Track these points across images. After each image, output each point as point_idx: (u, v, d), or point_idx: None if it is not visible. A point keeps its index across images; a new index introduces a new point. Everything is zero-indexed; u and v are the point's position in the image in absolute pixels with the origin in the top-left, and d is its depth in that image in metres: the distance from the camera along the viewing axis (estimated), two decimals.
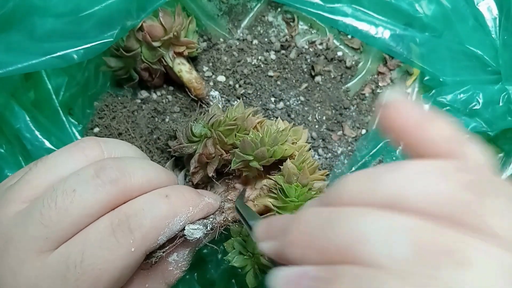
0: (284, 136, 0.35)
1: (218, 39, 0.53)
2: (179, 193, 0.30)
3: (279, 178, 0.35)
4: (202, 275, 0.47)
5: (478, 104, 0.47)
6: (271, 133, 0.34)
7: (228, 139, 0.35)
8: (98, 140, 0.30)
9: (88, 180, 0.26)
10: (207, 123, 0.36)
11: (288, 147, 0.35)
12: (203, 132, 0.36)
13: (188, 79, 0.47)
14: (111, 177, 0.27)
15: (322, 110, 0.51)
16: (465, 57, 0.49)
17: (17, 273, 0.25)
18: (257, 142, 0.34)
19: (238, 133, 0.36)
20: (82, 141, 0.30)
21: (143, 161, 0.30)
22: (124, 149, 0.31)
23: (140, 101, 0.50)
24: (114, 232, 0.26)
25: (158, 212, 0.28)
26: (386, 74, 0.53)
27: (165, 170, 0.32)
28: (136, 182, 0.28)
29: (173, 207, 0.29)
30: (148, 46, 0.44)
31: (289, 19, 0.54)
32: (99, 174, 0.27)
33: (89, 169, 0.27)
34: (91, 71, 0.49)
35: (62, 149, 0.29)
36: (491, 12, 0.47)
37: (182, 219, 0.29)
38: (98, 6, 0.39)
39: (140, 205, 0.28)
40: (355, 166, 0.50)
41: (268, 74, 0.51)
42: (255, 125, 0.36)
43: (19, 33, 0.38)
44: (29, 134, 0.43)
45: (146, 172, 0.29)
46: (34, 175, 0.27)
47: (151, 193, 0.29)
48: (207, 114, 0.37)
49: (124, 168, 0.28)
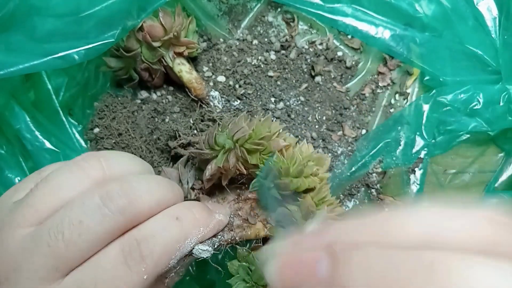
0: (310, 168, 0.33)
1: (218, 39, 0.53)
2: (190, 214, 0.30)
3: (296, 210, 0.33)
4: (202, 275, 0.47)
5: (478, 104, 0.47)
6: (297, 164, 0.33)
7: (251, 158, 0.34)
8: (98, 156, 0.29)
9: (95, 210, 0.26)
10: (232, 135, 0.34)
11: (311, 181, 0.33)
12: (227, 146, 0.34)
13: (188, 79, 0.47)
14: (119, 206, 0.26)
15: (322, 110, 0.51)
16: (465, 57, 0.49)
17: None
18: (281, 171, 0.32)
19: (263, 153, 0.34)
20: (82, 159, 0.29)
21: (149, 180, 0.29)
22: (126, 162, 0.30)
23: (140, 101, 0.50)
24: (125, 260, 0.26)
25: (169, 237, 0.28)
26: (386, 74, 0.53)
27: (172, 185, 0.31)
28: (145, 207, 0.27)
29: (184, 230, 0.29)
30: (148, 46, 0.44)
31: (289, 19, 0.54)
32: (106, 203, 0.26)
33: (95, 196, 0.26)
34: (91, 72, 0.49)
35: (63, 168, 0.28)
36: (491, 12, 0.47)
37: (193, 241, 0.29)
38: (98, 6, 0.39)
39: (150, 230, 0.27)
40: (355, 166, 0.50)
41: (268, 74, 0.51)
42: (280, 149, 0.34)
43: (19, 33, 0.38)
44: (29, 135, 0.43)
45: (154, 194, 0.28)
46: (37, 199, 0.27)
47: (162, 216, 0.28)
48: (234, 124, 0.35)
49: (131, 193, 0.27)
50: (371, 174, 0.50)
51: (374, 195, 0.50)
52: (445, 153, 0.51)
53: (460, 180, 0.51)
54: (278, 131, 0.35)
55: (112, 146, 0.47)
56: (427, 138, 0.49)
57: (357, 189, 0.50)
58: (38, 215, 0.26)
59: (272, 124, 0.35)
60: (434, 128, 0.49)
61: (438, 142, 0.50)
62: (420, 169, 0.50)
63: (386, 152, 0.50)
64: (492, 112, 0.47)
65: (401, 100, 0.53)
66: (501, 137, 0.50)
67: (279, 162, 0.33)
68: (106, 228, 0.26)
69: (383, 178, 0.50)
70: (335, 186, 0.49)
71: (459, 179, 0.51)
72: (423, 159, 0.50)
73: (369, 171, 0.50)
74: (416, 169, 0.50)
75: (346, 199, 0.50)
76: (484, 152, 0.51)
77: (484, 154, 0.51)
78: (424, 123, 0.49)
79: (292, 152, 0.33)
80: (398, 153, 0.50)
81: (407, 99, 0.53)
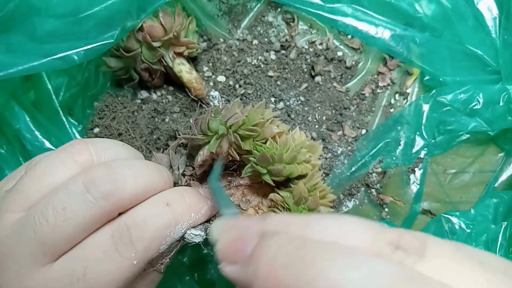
0: (303, 155, 0.33)
1: (218, 39, 0.53)
2: (181, 199, 0.29)
3: (288, 197, 0.34)
4: (202, 275, 0.47)
5: (478, 104, 0.47)
6: (290, 150, 0.33)
7: (244, 144, 0.34)
8: (86, 142, 0.29)
9: (78, 196, 0.25)
10: (225, 121, 0.34)
11: (303, 167, 0.34)
12: (220, 132, 0.34)
13: (188, 79, 0.47)
14: (102, 192, 0.25)
15: (322, 110, 0.51)
16: (465, 57, 0.49)
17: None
18: (275, 157, 0.32)
19: (256, 139, 0.34)
20: (70, 145, 0.29)
21: (136, 165, 0.29)
22: (115, 149, 0.30)
23: (140, 101, 0.50)
24: (115, 245, 0.26)
25: (159, 222, 0.27)
26: (386, 74, 0.53)
27: (160, 171, 0.31)
28: (130, 193, 0.27)
29: (175, 215, 0.28)
30: (148, 46, 0.45)
31: (289, 19, 0.54)
32: (89, 189, 0.25)
33: (78, 182, 0.26)
34: (91, 72, 0.49)
35: (51, 155, 0.28)
36: (491, 12, 0.47)
37: (183, 226, 0.29)
38: (98, 7, 0.39)
39: (141, 215, 0.27)
40: (355, 166, 0.50)
41: (268, 74, 0.51)
42: (274, 136, 0.34)
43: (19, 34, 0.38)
44: (29, 135, 0.43)
45: (140, 179, 0.28)
46: (25, 185, 0.27)
47: (152, 201, 0.28)
48: (227, 109, 0.34)
49: (116, 178, 0.26)
50: (371, 174, 0.50)
51: (374, 195, 0.50)
52: (445, 153, 0.51)
53: (460, 180, 0.51)
54: (271, 118, 0.35)
55: None
56: (427, 138, 0.49)
57: (357, 189, 0.50)
58: (27, 200, 0.26)
59: (265, 111, 0.35)
60: (434, 128, 0.49)
61: (438, 142, 0.50)
62: (420, 169, 0.50)
63: (386, 152, 0.50)
64: (492, 112, 0.47)
65: (401, 100, 0.53)
66: (501, 137, 0.50)
67: (272, 148, 0.33)
68: (91, 214, 0.25)
69: (383, 178, 0.50)
70: (335, 186, 0.49)
71: (459, 179, 0.51)
72: (423, 159, 0.50)
73: (369, 171, 0.50)
74: (416, 169, 0.50)
75: (346, 199, 0.50)
76: (484, 152, 0.51)
77: (484, 154, 0.51)
78: (424, 123, 0.49)
79: (285, 139, 0.34)
80: (398, 153, 0.50)
81: (407, 99, 0.53)
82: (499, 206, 0.46)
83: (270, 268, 0.18)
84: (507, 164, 0.50)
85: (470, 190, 0.51)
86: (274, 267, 0.17)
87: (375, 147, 0.50)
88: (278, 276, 0.17)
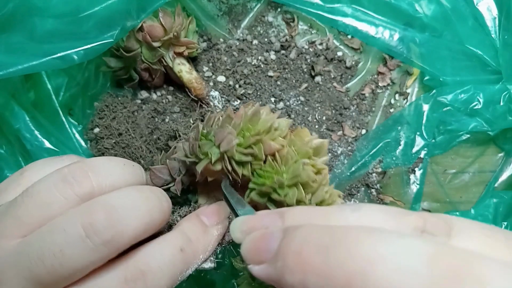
0: (306, 173, 0.30)
1: (218, 39, 0.53)
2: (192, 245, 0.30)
3: None
4: (202, 275, 0.47)
5: (478, 103, 0.47)
6: (292, 171, 0.30)
7: (242, 170, 0.31)
8: (86, 170, 0.27)
9: (77, 241, 0.24)
10: (218, 145, 0.31)
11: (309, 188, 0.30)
12: (214, 158, 0.31)
13: (188, 79, 0.47)
14: (103, 239, 0.24)
15: (322, 110, 0.51)
16: (465, 57, 0.49)
17: None
18: (275, 186, 0.30)
19: (255, 161, 0.31)
20: (70, 173, 0.27)
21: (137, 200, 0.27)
22: (116, 173, 0.29)
23: (140, 101, 0.50)
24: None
25: (174, 270, 0.28)
26: (386, 74, 0.53)
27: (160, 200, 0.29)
28: (131, 236, 0.26)
29: (187, 261, 0.29)
30: (148, 46, 0.44)
31: (289, 19, 0.54)
32: (89, 235, 0.24)
33: (77, 225, 0.24)
34: (91, 72, 0.49)
35: (49, 181, 0.27)
36: (491, 12, 0.47)
37: (193, 268, 0.30)
38: (98, 6, 0.39)
39: (155, 260, 0.27)
40: (355, 166, 0.50)
41: (268, 74, 0.51)
42: (274, 153, 0.31)
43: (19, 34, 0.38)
44: (29, 134, 0.43)
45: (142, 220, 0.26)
46: (22, 212, 0.26)
47: (166, 245, 0.28)
48: (219, 132, 0.31)
49: (117, 222, 0.25)
50: (371, 174, 0.50)
51: (374, 195, 0.50)
52: (445, 153, 0.51)
53: (460, 180, 0.51)
54: (269, 126, 0.31)
55: (112, 146, 0.47)
56: (427, 138, 0.49)
57: (357, 189, 0.50)
58: (24, 228, 0.25)
59: (262, 116, 0.32)
60: (434, 128, 0.49)
61: (438, 142, 0.50)
62: (420, 169, 0.50)
63: (386, 152, 0.50)
64: (492, 112, 0.47)
65: (401, 100, 0.53)
66: (501, 137, 0.50)
67: (271, 171, 0.30)
68: (90, 260, 0.24)
69: (383, 178, 0.50)
70: (335, 186, 0.49)
71: (459, 179, 0.51)
72: (423, 159, 0.50)
73: (369, 171, 0.50)
74: (416, 169, 0.50)
75: (346, 199, 0.50)
76: (484, 152, 0.51)
77: (484, 154, 0.51)
78: (424, 123, 0.49)
79: (286, 153, 0.31)
80: (398, 153, 0.50)
81: (407, 99, 0.53)
82: (499, 206, 0.46)
83: (297, 258, 0.17)
84: (507, 164, 0.50)
85: (470, 190, 0.51)
86: (302, 257, 0.17)
87: (375, 147, 0.50)
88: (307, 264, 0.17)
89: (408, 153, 0.50)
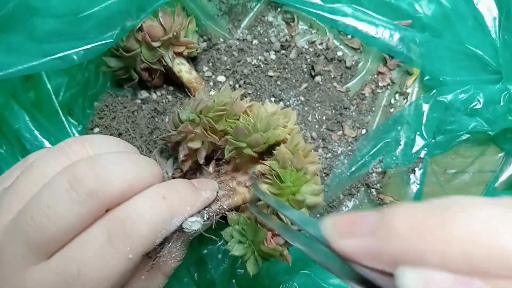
0: (276, 120, 0.34)
1: (218, 39, 0.53)
2: (176, 192, 0.29)
3: (274, 163, 0.34)
4: (202, 275, 0.47)
5: (479, 103, 0.47)
6: (263, 118, 0.33)
7: (218, 125, 0.34)
8: (82, 141, 0.28)
9: (63, 194, 0.24)
10: (194, 108, 0.34)
11: (280, 132, 0.34)
12: (191, 118, 0.34)
13: (188, 79, 0.47)
14: (88, 189, 0.24)
15: (322, 110, 0.51)
16: (465, 57, 0.49)
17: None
18: (250, 128, 0.33)
19: (229, 118, 0.34)
20: (67, 145, 0.28)
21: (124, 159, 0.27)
22: (111, 146, 0.29)
23: (140, 101, 0.50)
24: (110, 239, 0.25)
25: (156, 216, 0.27)
26: (386, 74, 0.53)
27: (150, 165, 0.29)
28: (117, 188, 0.26)
29: (171, 209, 0.28)
30: (148, 46, 0.45)
31: (289, 19, 0.54)
32: (74, 186, 0.24)
33: (62, 179, 0.25)
34: (91, 71, 0.49)
35: (47, 155, 0.27)
36: (491, 12, 0.47)
37: (179, 219, 0.28)
38: (97, 6, 0.39)
39: (136, 208, 0.26)
40: (355, 166, 0.50)
41: (268, 74, 0.51)
42: (244, 110, 0.34)
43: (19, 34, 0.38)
44: (29, 134, 0.43)
45: (127, 174, 0.27)
46: (20, 186, 0.26)
47: (148, 194, 0.27)
48: (193, 100, 0.35)
49: (101, 174, 0.25)
50: (371, 174, 0.50)
51: (374, 195, 0.50)
52: (445, 153, 0.51)
53: (460, 180, 0.51)
54: (239, 96, 0.35)
55: None
56: (427, 138, 0.49)
57: (357, 189, 0.50)
58: (22, 202, 0.26)
59: (232, 93, 0.35)
60: (434, 128, 0.49)
61: (438, 142, 0.50)
62: (420, 169, 0.50)
63: (386, 152, 0.50)
64: (492, 112, 0.47)
65: (401, 100, 0.53)
66: (501, 137, 0.50)
67: (245, 121, 0.33)
68: (77, 214, 0.24)
69: (383, 178, 0.50)
70: (335, 186, 0.49)
71: (459, 179, 0.51)
72: (423, 159, 0.50)
73: (369, 171, 0.50)
74: (416, 169, 0.50)
75: (346, 199, 0.50)
76: (484, 152, 0.51)
77: (484, 154, 0.51)
78: (424, 123, 0.49)
79: (257, 111, 0.34)
80: (398, 153, 0.50)
81: (407, 99, 0.53)
82: None
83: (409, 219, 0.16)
84: (507, 164, 0.50)
85: (470, 190, 0.51)
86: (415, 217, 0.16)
87: (375, 147, 0.50)
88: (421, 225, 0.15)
89: (408, 153, 0.50)
